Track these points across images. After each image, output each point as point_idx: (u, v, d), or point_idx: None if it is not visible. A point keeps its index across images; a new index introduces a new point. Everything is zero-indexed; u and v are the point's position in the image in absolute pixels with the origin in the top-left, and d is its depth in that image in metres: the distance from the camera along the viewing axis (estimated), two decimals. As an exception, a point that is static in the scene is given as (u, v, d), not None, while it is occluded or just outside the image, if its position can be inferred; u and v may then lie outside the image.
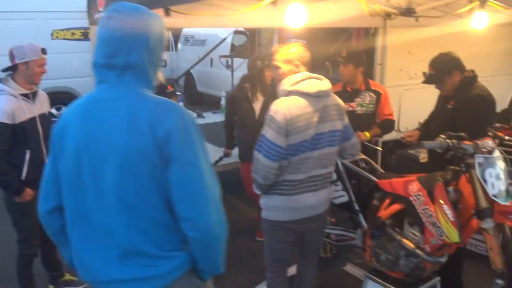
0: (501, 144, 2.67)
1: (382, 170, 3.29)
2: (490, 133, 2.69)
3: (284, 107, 2.55)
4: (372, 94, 3.97)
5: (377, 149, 3.93)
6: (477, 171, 2.39)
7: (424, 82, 3.41)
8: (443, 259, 2.72)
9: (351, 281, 3.78)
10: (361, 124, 3.86)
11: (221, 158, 4.78)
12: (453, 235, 2.49)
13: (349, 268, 3.82)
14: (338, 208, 3.34)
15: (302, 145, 2.59)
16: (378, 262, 3.01)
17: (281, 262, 2.96)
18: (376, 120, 4.03)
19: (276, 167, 2.58)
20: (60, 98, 7.89)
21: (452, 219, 2.48)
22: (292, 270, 3.75)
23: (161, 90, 4.12)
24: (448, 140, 2.45)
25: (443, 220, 2.52)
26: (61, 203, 1.69)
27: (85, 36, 8.67)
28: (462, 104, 3.22)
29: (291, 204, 2.72)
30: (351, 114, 3.89)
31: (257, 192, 2.81)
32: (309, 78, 2.64)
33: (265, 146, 2.56)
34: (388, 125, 4.03)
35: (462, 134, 2.58)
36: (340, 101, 2.83)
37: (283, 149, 2.55)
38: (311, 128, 2.59)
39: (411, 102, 5.39)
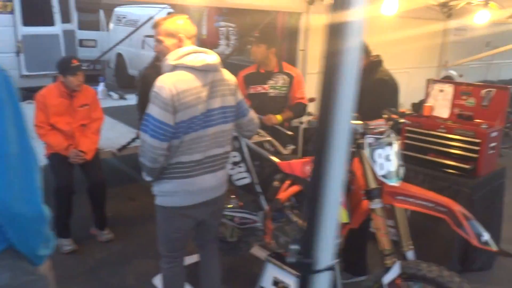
0: (396, 127, 2.69)
1: (286, 152, 3.26)
2: (384, 115, 2.71)
3: (169, 82, 2.43)
4: (285, 76, 3.93)
5: (288, 134, 3.89)
6: (366, 151, 2.38)
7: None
8: (337, 241, 2.71)
9: (259, 264, 3.73)
10: (273, 106, 3.82)
11: (133, 140, 4.61)
12: (342, 215, 2.48)
13: (257, 251, 3.79)
14: (243, 190, 3.28)
15: (193, 122, 2.48)
16: (278, 245, 2.98)
17: (178, 252, 2.85)
18: (288, 103, 4.00)
19: (165, 147, 2.44)
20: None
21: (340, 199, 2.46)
22: (189, 259, 3.68)
23: (65, 63, 3.89)
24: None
25: (333, 200, 2.50)
26: None
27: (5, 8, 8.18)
28: (366, 88, 3.23)
29: (188, 187, 2.59)
30: (264, 96, 3.84)
31: (147, 179, 2.65)
32: (195, 52, 2.53)
33: (151, 125, 2.40)
34: (300, 108, 4.02)
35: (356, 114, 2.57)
36: (232, 77, 2.73)
37: (172, 128, 2.42)
38: (200, 104, 2.48)
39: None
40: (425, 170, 3.94)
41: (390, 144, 2.45)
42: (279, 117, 3.80)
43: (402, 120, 2.76)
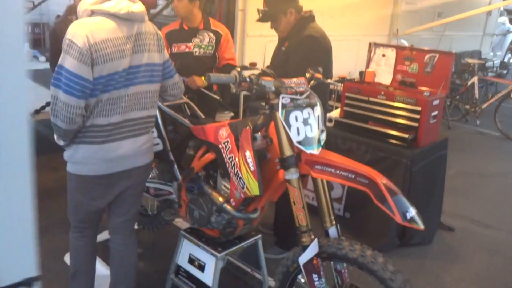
0: (317, 87, 2.37)
1: (203, 116, 2.90)
2: (307, 73, 2.38)
3: (86, 29, 2.04)
4: (211, 34, 3.54)
5: (215, 98, 3.53)
6: (280, 113, 2.04)
7: (258, 20, 3.04)
8: (255, 215, 2.41)
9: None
10: (199, 68, 3.44)
11: (48, 104, 4.15)
12: (253, 187, 2.17)
13: (182, 222, 3.47)
14: (156, 158, 2.91)
15: (113, 78, 2.11)
16: (192, 219, 2.66)
17: (88, 223, 2.51)
18: (216, 64, 3.62)
19: (81, 105, 2.07)
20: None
21: (252, 168, 2.14)
22: (104, 236, 3.31)
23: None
24: (243, 74, 2.06)
25: (244, 170, 2.18)
26: None
27: None
28: (294, 45, 2.91)
29: (104, 154, 2.24)
30: (188, 56, 3.46)
31: (60, 143, 2.28)
32: None
33: (65, 79, 2.01)
34: (229, 70, 3.64)
35: (267, 70, 2.24)
36: (159, 31, 2.38)
37: (90, 83, 2.05)
38: (124, 58, 2.12)
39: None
40: (367, 140, 3.68)
41: (310, 106, 2.13)
42: (204, 79, 3.43)
43: (329, 81, 2.44)
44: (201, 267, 2.66)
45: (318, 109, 2.17)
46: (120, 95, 2.18)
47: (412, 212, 1.88)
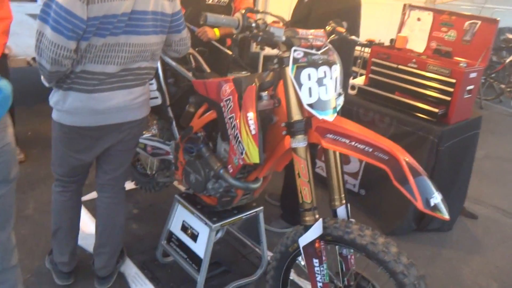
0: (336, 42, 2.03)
1: (209, 70, 2.58)
2: (328, 26, 2.04)
3: None
4: None
5: (228, 53, 3.20)
6: (290, 69, 1.72)
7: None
8: (255, 185, 2.12)
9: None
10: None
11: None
12: (252, 154, 1.87)
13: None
14: (153, 114, 2.64)
15: (110, 22, 1.81)
16: (188, 183, 2.39)
17: (74, 177, 2.28)
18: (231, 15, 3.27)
19: (71, 48, 1.78)
20: None
21: (253, 131, 1.84)
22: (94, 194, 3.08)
23: None
24: (248, 18, 1.72)
25: (244, 133, 1.88)
26: None
27: None
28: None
29: (94, 104, 1.98)
30: (200, 3, 3.13)
31: (46, 84, 2.01)
32: None
33: (55, 13, 1.72)
34: None
35: (280, 17, 1.90)
36: None
37: (82, 22, 1.75)
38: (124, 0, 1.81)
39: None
40: (392, 112, 3.34)
41: (327, 64, 1.80)
42: (216, 31, 3.10)
43: (353, 37, 2.09)
44: (194, 237, 2.41)
45: (337, 68, 1.84)
46: (118, 43, 1.90)
47: (437, 198, 1.57)
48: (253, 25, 1.72)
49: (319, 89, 1.76)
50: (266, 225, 3.01)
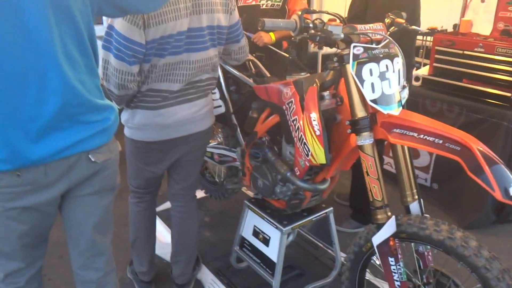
0: (396, 34, 1.97)
1: (269, 75, 2.60)
2: (387, 19, 2.00)
3: None
4: None
5: (285, 56, 3.20)
6: (351, 65, 1.70)
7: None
8: (323, 186, 2.11)
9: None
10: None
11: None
12: (318, 154, 1.85)
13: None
14: (218, 122, 2.68)
15: (168, 42, 1.87)
16: (256, 188, 2.41)
17: (148, 189, 2.37)
18: (286, 18, 3.27)
19: (134, 72, 1.87)
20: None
21: (317, 132, 1.83)
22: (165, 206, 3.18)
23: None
24: (305, 19, 1.71)
25: (309, 134, 1.87)
26: None
27: None
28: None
29: (160, 120, 2.05)
30: (255, 9, 3.15)
31: (117, 106, 2.12)
32: None
33: (116, 42, 1.80)
34: None
35: (336, 15, 1.88)
36: None
37: (141, 47, 1.82)
38: (179, 19, 1.86)
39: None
40: (461, 101, 3.22)
41: (388, 57, 1.76)
42: (272, 35, 3.11)
43: (414, 27, 2.03)
44: (266, 241, 2.43)
45: (399, 61, 1.80)
46: (181, 61, 1.95)
47: (516, 186, 1.49)
48: (311, 25, 1.71)
49: (382, 84, 1.72)
50: (337, 226, 2.97)
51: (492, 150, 2.94)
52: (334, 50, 1.84)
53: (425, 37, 3.54)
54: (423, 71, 3.52)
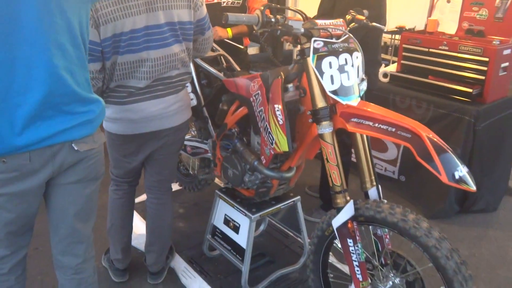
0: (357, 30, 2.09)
1: (239, 69, 2.70)
2: (348, 15, 2.11)
3: None
4: None
5: (239, 48, 3.30)
6: (311, 58, 1.80)
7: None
8: (289, 174, 2.21)
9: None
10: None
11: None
12: (282, 143, 1.96)
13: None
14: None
15: (122, 39, 1.94)
16: (226, 178, 2.51)
17: (126, 179, 2.46)
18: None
19: (95, 69, 1.95)
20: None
21: (281, 121, 1.93)
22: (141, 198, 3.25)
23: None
24: (266, 13, 1.81)
25: (273, 123, 1.97)
26: None
27: None
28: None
29: (129, 115, 2.13)
30: (216, 6, 3.25)
31: None
32: None
33: None
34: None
35: (297, 10, 1.98)
36: None
37: (96, 45, 1.90)
38: (130, 16, 1.93)
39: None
40: (427, 97, 3.35)
41: (348, 51, 1.87)
42: (229, 31, 3.20)
43: (373, 24, 2.15)
44: (236, 228, 2.52)
45: (358, 55, 1.91)
46: (141, 58, 2.00)
47: (462, 171, 1.61)
48: (273, 20, 1.81)
49: (341, 76, 1.83)
50: (307, 216, 3.09)
51: (455, 143, 3.09)
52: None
53: (393, 35, 3.66)
54: (391, 68, 3.65)
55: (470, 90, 3.12)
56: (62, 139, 1.50)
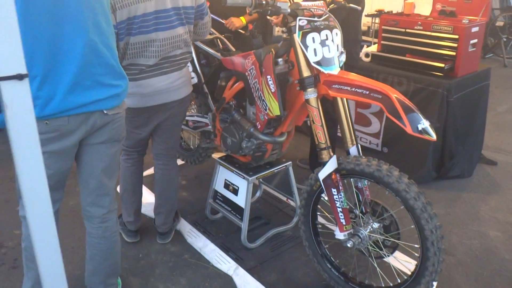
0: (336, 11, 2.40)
1: (234, 49, 3.01)
2: (327, -3, 2.43)
3: None
4: None
5: (247, 35, 3.62)
6: (297, 35, 2.13)
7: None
8: (281, 139, 2.54)
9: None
10: (234, 8, 3.52)
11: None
12: (274, 108, 2.29)
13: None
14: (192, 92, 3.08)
15: (135, 22, 2.24)
16: (225, 146, 2.83)
17: (136, 148, 2.77)
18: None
19: None
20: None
21: (273, 89, 2.26)
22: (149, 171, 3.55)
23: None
24: (259, -4, 2.14)
25: (266, 92, 2.30)
26: None
27: None
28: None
29: (141, 90, 2.44)
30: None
31: None
32: None
33: None
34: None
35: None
36: None
37: (113, 27, 2.17)
38: (142, 2, 2.23)
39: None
40: (402, 73, 3.68)
41: (328, 28, 2.19)
42: (243, 19, 3.51)
43: (350, 5, 2.47)
44: (235, 191, 2.85)
45: (337, 32, 2.23)
46: (151, 39, 2.32)
47: (424, 123, 1.94)
48: (263, 2, 2.13)
49: (323, 49, 2.15)
50: (299, 184, 3.42)
51: (430, 113, 3.41)
52: None
53: (373, 18, 3.99)
54: (373, 48, 3.98)
55: (442, 65, 3.45)
56: (96, 107, 1.83)
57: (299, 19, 2.13)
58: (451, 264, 2.80)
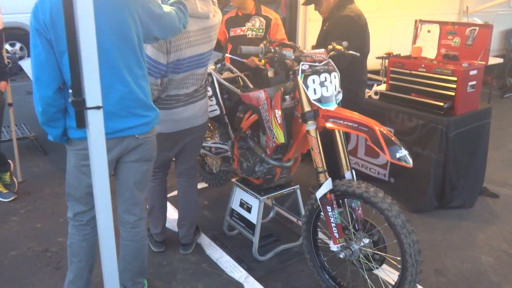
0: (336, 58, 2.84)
1: (252, 86, 3.47)
2: (329, 46, 2.86)
3: None
4: (262, 19, 4.12)
5: (265, 72, 4.10)
6: (299, 77, 2.56)
7: (304, 4, 3.56)
8: (288, 164, 2.95)
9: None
10: None
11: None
12: (279, 136, 2.71)
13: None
14: (214, 122, 3.55)
15: (181, 63, 2.72)
16: (241, 170, 3.25)
17: (161, 169, 3.20)
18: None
19: (157, 83, 2.73)
20: (13, 34, 8.21)
21: (279, 121, 2.68)
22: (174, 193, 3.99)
23: None
24: (268, 45, 2.60)
25: (274, 123, 2.73)
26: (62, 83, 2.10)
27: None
28: (332, 25, 3.38)
29: (175, 116, 2.90)
30: (243, 38, 4.05)
31: None
32: None
33: (148, 63, 2.63)
34: None
35: (289, 43, 2.76)
36: (218, 20, 2.93)
37: (164, 66, 2.68)
38: (190, 47, 2.72)
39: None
40: (407, 110, 4.05)
41: (327, 72, 2.62)
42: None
43: (351, 52, 2.89)
44: (249, 209, 3.25)
45: (335, 75, 2.65)
46: (190, 74, 2.83)
47: (402, 152, 2.31)
48: (272, 50, 2.59)
49: (322, 89, 2.58)
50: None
51: (431, 147, 3.75)
52: None
53: (384, 60, 4.39)
54: (381, 87, 4.37)
55: (442, 104, 3.82)
56: (129, 133, 2.28)
57: (302, 64, 2.57)
58: (442, 283, 3.10)
